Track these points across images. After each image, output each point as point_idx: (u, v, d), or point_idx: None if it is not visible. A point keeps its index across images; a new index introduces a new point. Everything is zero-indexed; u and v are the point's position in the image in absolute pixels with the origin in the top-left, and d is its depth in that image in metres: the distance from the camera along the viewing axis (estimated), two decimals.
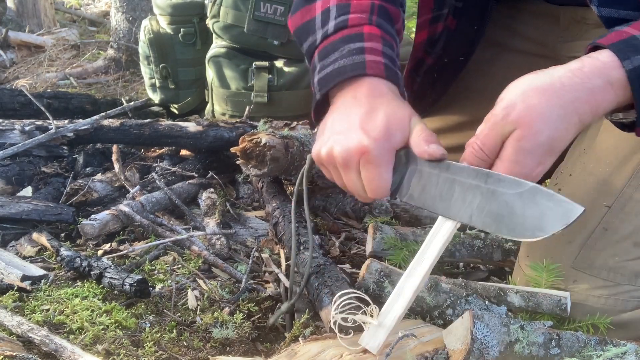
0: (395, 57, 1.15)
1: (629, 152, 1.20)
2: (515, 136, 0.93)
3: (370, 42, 1.13)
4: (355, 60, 1.10)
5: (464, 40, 1.49)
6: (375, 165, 1.01)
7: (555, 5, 1.44)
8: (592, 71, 0.95)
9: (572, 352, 1.01)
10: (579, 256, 1.19)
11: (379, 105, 1.04)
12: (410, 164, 1.02)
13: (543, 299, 1.17)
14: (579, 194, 1.23)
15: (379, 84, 1.08)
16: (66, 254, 1.50)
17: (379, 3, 1.19)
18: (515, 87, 0.97)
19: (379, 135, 1.01)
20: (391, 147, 1.02)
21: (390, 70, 1.10)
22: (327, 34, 1.17)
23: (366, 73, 1.08)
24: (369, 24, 1.15)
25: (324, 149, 1.06)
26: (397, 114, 1.03)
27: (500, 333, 0.99)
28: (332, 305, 1.00)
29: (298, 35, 1.25)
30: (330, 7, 1.19)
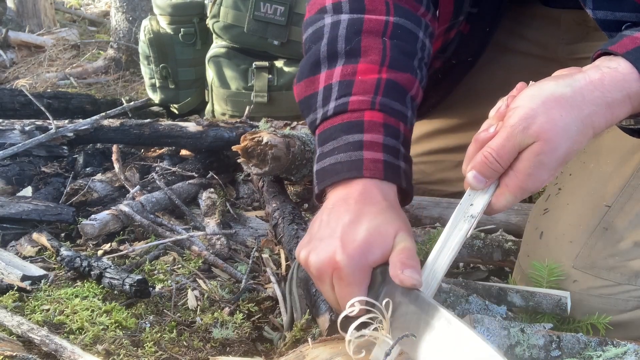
0: (399, 144, 1.09)
1: (629, 151, 1.20)
2: (535, 150, 0.90)
3: (370, 133, 1.06)
4: (352, 157, 1.04)
5: (474, 44, 1.47)
6: (347, 283, 0.94)
7: (556, 8, 1.44)
8: (612, 84, 0.93)
9: (573, 353, 1.01)
10: (579, 256, 1.19)
11: (365, 216, 0.98)
12: (386, 284, 0.94)
13: (543, 299, 1.17)
14: (579, 193, 1.23)
15: (373, 189, 1.02)
16: (66, 254, 1.50)
17: (387, 77, 1.10)
18: (535, 95, 0.93)
19: (354, 251, 0.94)
20: (366, 265, 0.95)
21: (390, 169, 1.05)
22: (327, 115, 1.11)
23: (362, 175, 1.03)
24: (371, 109, 1.08)
25: (303, 253, 1.01)
26: (380, 228, 0.97)
27: (500, 337, 0.99)
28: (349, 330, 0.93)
29: (302, 108, 1.19)
30: (333, 84, 1.12)
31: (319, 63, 1.16)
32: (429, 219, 1.71)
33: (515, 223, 1.57)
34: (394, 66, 1.13)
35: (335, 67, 1.14)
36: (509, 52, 1.55)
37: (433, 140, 1.68)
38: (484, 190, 0.97)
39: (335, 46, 1.15)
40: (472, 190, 0.98)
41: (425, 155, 1.68)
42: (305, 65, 1.19)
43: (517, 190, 0.94)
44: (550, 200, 1.28)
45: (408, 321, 0.89)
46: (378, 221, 0.98)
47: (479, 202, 0.97)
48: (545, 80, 0.95)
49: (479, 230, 1.51)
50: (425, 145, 1.68)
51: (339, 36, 1.16)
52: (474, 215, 0.97)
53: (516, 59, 1.54)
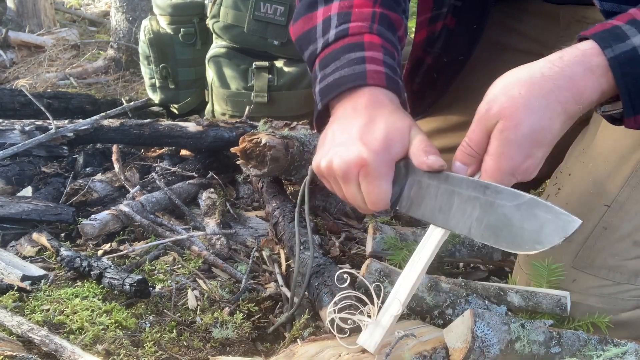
0: (396, 65, 1.14)
1: (627, 151, 1.20)
2: (499, 128, 0.94)
3: (371, 51, 1.12)
4: (355, 70, 1.09)
5: (463, 40, 1.49)
6: (374, 177, 1.01)
7: (555, 5, 1.44)
8: (572, 59, 0.95)
9: (573, 350, 1.01)
10: (578, 255, 1.19)
11: (379, 117, 1.04)
12: (410, 175, 1.01)
13: (543, 299, 1.17)
14: (578, 193, 1.24)
15: (379, 94, 1.08)
16: (66, 254, 1.50)
17: (381, 11, 1.18)
18: (498, 82, 0.98)
19: (378, 147, 1.01)
20: (390, 158, 1.01)
21: (391, 80, 1.10)
22: (328, 42, 1.16)
23: (367, 83, 1.08)
24: (370, 33, 1.15)
25: (324, 161, 1.06)
26: (396, 124, 1.03)
27: (500, 331, 0.99)
28: (329, 305, 1.00)
29: (299, 44, 1.25)
30: (332, 15, 1.19)
31: (316, 2, 1.23)
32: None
33: None
34: (386, 5, 1.20)
35: (332, 2, 1.21)
36: (507, 49, 1.55)
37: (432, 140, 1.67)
38: None
39: None
40: None
41: None
42: (302, 6, 1.25)
43: (495, 173, 0.96)
44: (550, 200, 1.28)
45: (440, 201, 0.97)
46: (392, 119, 1.04)
47: None
48: (511, 70, 0.99)
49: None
50: None
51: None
52: None
53: (514, 57, 1.53)
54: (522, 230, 0.88)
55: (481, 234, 0.92)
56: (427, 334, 1.05)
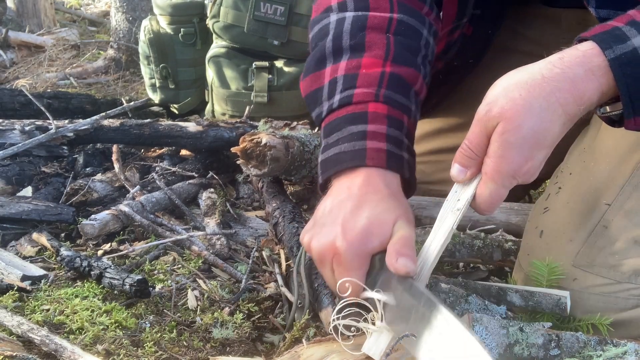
0: (403, 136, 1.10)
1: (628, 150, 1.20)
2: (499, 130, 0.93)
3: (373, 124, 1.08)
4: (355, 147, 1.06)
5: (477, 45, 1.48)
6: (346, 268, 0.97)
7: (557, 8, 1.44)
8: (572, 60, 0.94)
9: (572, 352, 1.01)
10: (579, 254, 1.19)
11: (367, 204, 1.00)
12: (384, 271, 0.97)
13: (543, 299, 1.17)
14: (579, 192, 1.23)
15: (376, 178, 1.04)
16: (66, 254, 1.50)
17: (390, 70, 1.12)
18: (498, 83, 0.97)
19: (354, 238, 0.97)
20: (365, 252, 0.98)
21: (393, 158, 1.06)
22: (332, 108, 1.13)
23: (365, 164, 1.05)
24: (375, 101, 1.10)
25: (307, 237, 1.04)
26: (380, 216, 0.99)
27: (499, 335, 0.99)
28: (333, 312, 0.98)
29: (308, 102, 1.22)
30: (338, 77, 1.15)
31: (325, 58, 1.19)
32: (429, 219, 1.71)
33: (515, 223, 1.57)
34: (398, 61, 1.15)
35: (340, 61, 1.16)
36: (509, 52, 1.55)
37: (433, 140, 1.68)
38: (468, 184, 1.00)
39: (340, 42, 1.18)
40: (457, 184, 1.01)
41: (426, 155, 1.68)
42: (311, 61, 1.21)
43: (495, 175, 0.95)
44: (550, 199, 1.28)
45: (401, 309, 0.91)
46: (379, 210, 1.00)
47: (464, 195, 1.00)
48: (510, 71, 0.99)
49: (479, 230, 1.51)
50: (426, 145, 1.68)
51: (343, 32, 1.18)
52: (460, 208, 0.99)
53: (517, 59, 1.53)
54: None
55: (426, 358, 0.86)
56: None
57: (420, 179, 1.68)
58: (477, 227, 1.56)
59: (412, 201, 1.63)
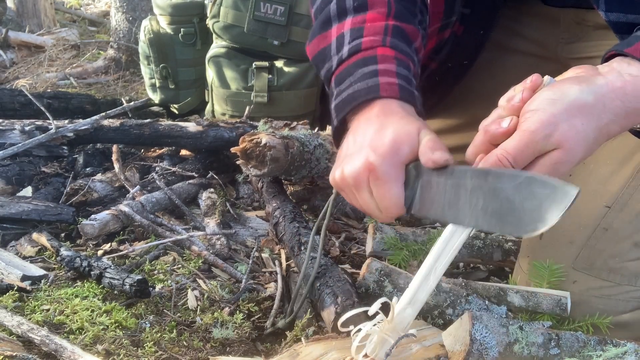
0: (411, 76, 1.13)
1: (629, 152, 1.20)
2: (554, 158, 0.89)
3: (383, 64, 1.11)
4: (369, 84, 1.09)
5: (469, 45, 1.48)
6: (384, 181, 0.99)
7: (556, 8, 1.44)
8: (634, 94, 0.92)
9: (572, 352, 1.01)
10: (579, 257, 1.19)
11: (389, 123, 1.03)
12: (421, 176, 0.99)
13: (543, 299, 1.17)
14: None
15: (391, 104, 1.07)
16: (66, 254, 1.50)
17: (394, 23, 1.17)
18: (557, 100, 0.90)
19: (385, 151, 0.99)
20: (399, 161, 0.99)
21: (405, 91, 1.09)
22: (342, 59, 1.16)
23: (379, 96, 1.07)
24: (382, 46, 1.14)
25: (337, 172, 1.05)
26: (405, 128, 1.01)
27: (499, 334, 0.99)
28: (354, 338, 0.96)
29: (316, 62, 1.25)
30: (344, 32, 1.19)
31: (330, 20, 1.22)
32: (429, 219, 1.71)
33: None
34: (399, 17, 1.19)
35: (346, 20, 1.20)
36: (508, 51, 1.55)
37: None
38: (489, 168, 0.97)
39: (343, 4, 1.22)
40: None
41: None
42: (317, 26, 1.25)
43: None
44: None
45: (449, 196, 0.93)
46: (402, 123, 1.02)
47: None
48: (566, 83, 0.93)
49: (479, 230, 1.51)
50: None
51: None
52: None
53: (515, 59, 1.54)
54: (524, 211, 0.84)
55: (488, 223, 0.88)
56: (430, 337, 1.05)
57: None
58: None
59: None
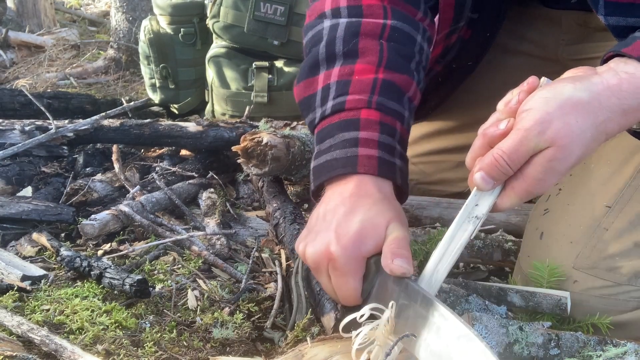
0: (395, 143, 1.10)
1: (629, 152, 1.20)
2: (548, 156, 0.89)
3: (366, 131, 1.08)
4: (348, 154, 1.06)
5: (475, 48, 1.48)
6: (342, 273, 0.97)
7: (557, 10, 1.44)
8: (630, 90, 0.91)
9: (572, 352, 1.01)
10: (579, 256, 1.19)
11: (359, 208, 1.00)
12: (380, 273, 0.96)
13: (543, 299, 1.17)
14: (579, 193, 1.23)
15: (368, 184, 1.04)
16: (66, 254, 1.50)
17: (383, 77, 1.12)
18: (551, 98, 0.90)
19: (348, 242, 0.97)
20: (360, 255, 0.98)
21: (384, 165, 1.06)
22: (325, 114, 1.13)
23: (356, 171, 1.04)
24: (367, 108, 1.10)
25: (301, 246, 1.04)
26: (374, 219, 0.99)
27: (498, 334, 0.99)
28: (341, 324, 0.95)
29: (301, 108, 1.21)
30: (331, 84, 1.15)
31: (318, 64, 1.18)
32: (429, 219, 1.71)
33: (515, 223, 1.57)
34: (391, 67, 1.14)
35: (333, 67, 1.16)
36: (509, 53, 1.55)
37: (433, 141, 1.68)
38: (490, 192, 0.96)
39: (333, 48, 1.17)
40: (478, 191, 0.97)
41: (426, 156, 1.68)
42: (305, 67, 1.21)
43: (523, 194, 0.93)
44: (551, 200, 1.28)
45: (400, 309, 0.90)
46: (371, 213, 1.00)
47: (484, 203, 0.96)
48: (561, 82, 0.93)
49: (479, 231, 1.51)
50: (426, 146, 1.68)
51: (337, 38, 1.18)
52: (479, 217, 0.96)
53: (517, 60, 1.54)
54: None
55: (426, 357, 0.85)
56: None
57: (420, 179, 1.69)
58: None
59: (412, 201, 1.63)
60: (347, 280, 0.97)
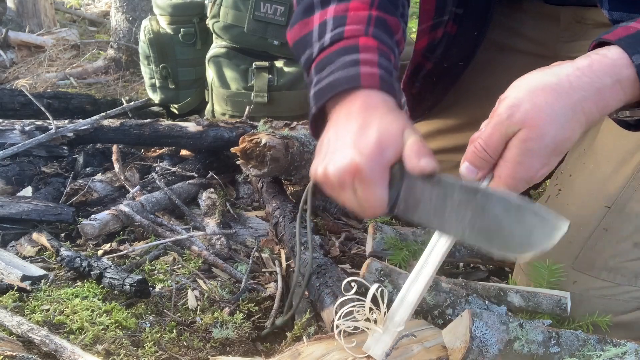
0: (392, 68, 1.12)
1: (629, 152, 1.20)
2: (521, 137, 0.91)
3: (365, 53, 1.10)
4: (349, 73, 1.08)
5: (464, 45, 1.48)
6: (369, 183, 0.98)
7: (555, 6, 1.44)
8: (601, 69, 0.92)
9: (572, 350, 1.01)
10: (579, 257, 1.19)
11: (372, 120, 1.02)
12: (405, 178, 0.99)
13: (543, 299, 1.17)
14: (579, 194, 1.24)
15: (373, 97, 1.06)
16: (66, 254, 1.50)
17: (377, 14, 1.16)
18: (521, 85, 0.94)
19: (371, 152, 0.98)
20: (384, 163, 0.99)
21: (386, 82, 1.08)
22: (324, 46, 1.15)
23: (360, 85, 1.06)
24: (365, 36, 1.13)
25: (320, 168, 1.04)
26: (389, 128, 1.00)
27: (499, 331, 0.99)
28: (334, 313, 0.98)
29: (296, 49, 1.23)
30: (327, 19, 1.17)
31: (313, 7, 1.21)
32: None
33: None
34: (382, 8, 1.18)
35: (329, 7, 1.19)
36: (507, 50, 1.55)
37: (431, 141, 1.68)
38: (479, 184, 0.98)
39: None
40: None
41: None
42: (299, 11, 1.23)
43: (509, 180, 0.94)
44: (551, 201, 1.28)
45: (435, 204, 0.94)
46: (385, 122, 1.01)
47: None
48: (533, 71, 0.96)
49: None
50: None
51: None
52: None
53: (514, 58, 1.54)
54: (513, 235, 0.86)
55: (474, 237, 0.90)
56: (431, 338, 1.04)
57: None
58: None
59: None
60: (374, 190, 0.98)
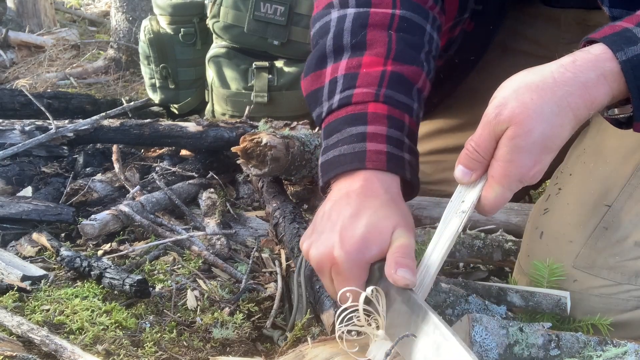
0: (404, 136, 1.09)
1: (629, 151, 1.20)
2: (509, 134, 0.91)
3: (373, 125, 1.07)
4: (355, 149, 1.05)
5: (477, 42, 1.47)
6: (345, 278, 0.96)
7: (556, 8, 1.44)
8: (585, 64, 0.92)
9: (572, 352, 1.01)
10: (579, 256, 1.19)
11: (365, 211, 0.98)
12: (382, 281, 0.95)
13: (543, 299, 1.17)
14: (579, 193, 1.23)
15: (375, 181, 1.03)
16: (66, 254, 1.50)
17: (392, 69, 1.11)
18: (508, 85, 0.95)
19: (352, 248, 0.95)
20: (364, 261, 0.96)
21: (393, 160, 1.05)
22: (332, 108, 1.12)
23: (365, 167, 1.03)
24: (375, 101, 1.09)
25: (305, 244, 1.03)
26: (379, 224, 0.97)
27: (499, 336, 0.99)
28: (336, 320, 0.97)
29: (308, 102, 1.20)
30: (338, 77, 1.13)
31: (325, 57, 1.17)
32: (429, 219, 1.71)
33: (515, 223, 1.57)
34: (400, 59, 1.13)
35: (341, 60, 1.15)
36: (509, 51, 1.55)
37: (433, 141, 1.68)
38: (473, 186, 0.98)
39: (341, 40, 1.16)
40: (461, 186, 0.99)
41: (426, 156, 1.67)
42: (312, 59, 1.20)
43: (502, 179, 0.94)
44: (551, 200, 1.28)
45: (400, 320, 0.90)
46: (377, 217, 0.98)
47: (469, 197, 0.98)
48: (521, 72, 0.96)
49: (479, 230, 1.51)
50: (426, 146, 1.68)
51: (344, 30, 1.16)
52: (465, 211, 0.98)
53: (516, 59, 1.54)
54: None
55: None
56: None
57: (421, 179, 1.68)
58: (477, 227, 1.56)
59: (412, 201, 1.63)
60: (349, 285, 0.95)
